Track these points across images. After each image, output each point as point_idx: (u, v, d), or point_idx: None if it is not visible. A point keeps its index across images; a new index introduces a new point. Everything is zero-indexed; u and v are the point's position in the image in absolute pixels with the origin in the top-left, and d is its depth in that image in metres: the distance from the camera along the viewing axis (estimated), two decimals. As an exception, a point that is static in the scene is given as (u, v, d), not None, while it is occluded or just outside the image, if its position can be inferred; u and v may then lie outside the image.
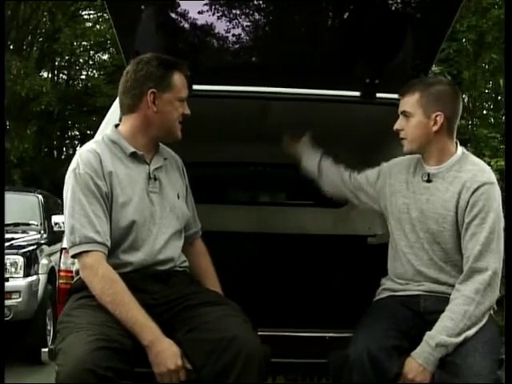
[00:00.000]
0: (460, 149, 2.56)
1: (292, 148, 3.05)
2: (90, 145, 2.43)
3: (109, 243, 2.30)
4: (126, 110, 2.45)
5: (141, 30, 3.01)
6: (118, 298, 2.20)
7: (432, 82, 2.57)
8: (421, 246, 2.51)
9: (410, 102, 2.51)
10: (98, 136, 2.54)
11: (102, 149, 2.39)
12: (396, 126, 2.57)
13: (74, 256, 2.32)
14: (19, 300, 5.91)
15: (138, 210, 2.36)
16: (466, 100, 11.67)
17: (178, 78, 2.43)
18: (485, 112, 13.28)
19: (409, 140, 2.54)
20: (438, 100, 2.48)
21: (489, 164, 8.67)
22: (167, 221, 2.44)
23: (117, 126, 2.50)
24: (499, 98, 13.53)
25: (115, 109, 2.86)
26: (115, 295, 2.20)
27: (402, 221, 2.55)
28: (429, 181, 2.53)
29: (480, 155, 9.22)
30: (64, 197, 2.35)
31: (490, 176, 2.47)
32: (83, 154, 2.36)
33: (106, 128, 2.63)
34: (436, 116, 2.47)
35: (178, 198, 2.52)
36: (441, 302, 2.42)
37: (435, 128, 2.47)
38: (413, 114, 2.50)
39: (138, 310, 2.20)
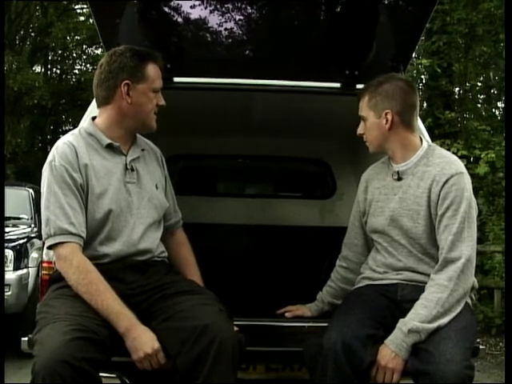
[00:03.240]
0: (425, 142, 2.60)
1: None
2: (66, 137, 2.44)
3: (84, 234, 2.32)
4: (101, 102, 2.47)
5: (122, 22, 3.02)
6: (92, 288, 2.22)
7: (381, 81, 2.60)
8: (398, 243, 2.55)
9: (363, 107, 2.61)
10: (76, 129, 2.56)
11: (78, 141, 2.41)
12: (358, 131, 2.67)
13: (49, 247, 2.34)
14: (9, 293, 5.92)
15: (114, 200, 2.38)
16: (456, 93, 11.69)
17: (152, 69, 2.44)
18: (476, 105, 13.27)
19: (369, 142, 2.64)
20: (385, 98, 2.54)
21: (479, 156, 8.77)
22: (145, 211, 2.46)
23: (94, 118, 2.52)
24: (492, 90, 13.56)
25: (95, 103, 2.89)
26: (90, 285, 2.22)
27: (378, 222, 2.60)
28: (399, 179, 2.57)
29: (470, 148, 9.25)
30: (41, 189, 2.38)
31: (458, 166, 2.50)
32: (59, 147, 2.38)
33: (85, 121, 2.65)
34: (385, 114, 2.54)
35: (157, 188, 2.54)
36: (418, 290, 2.44)
37: (387, 126, 2.54)
38: (366, 117, 2.60)
39: (113, 299, 2.22)
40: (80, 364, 2.02)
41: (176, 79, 3.03)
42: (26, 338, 2.52)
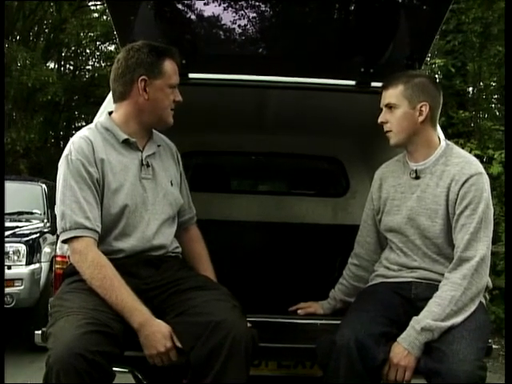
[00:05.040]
0: (443, 141, 2.59)
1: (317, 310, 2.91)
2: (83, 132, 2.44)
3: (99, 229, 2.33)
4: (117, 98, 2.47)
5: (138, 19, 3.03)
6: (107, 283, 2.22)
7: (413, 74, 2.61)
8: (413, 243, 2.54)
9: (394, 94, 2.53)
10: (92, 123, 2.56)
11: (94, 136, 2.41)
12: (380, 119, 2.59)
13: (64, 241, 2.35)
14: (21, 287, 5.95)
15: (130, 196, 2.38)
16: (470, 92, 11.62)
17: (169, 65, 2.44)
18: (490, 104, 13.20)
19: (395, 132, 2.56)
20: (422, 91, 2.51)
21: (492, 156, 8.70)
22: (160, 207, 2.46)
23: (110, 113, 2.52)
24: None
25: (111, 97, 2.89)
26: (104, 280, 2.23)
27: (395, 221, 2.58)
28: (417, 177, 2.56)
29: (484, 147, 9.19)
30: (57, 183, 2.38)
31: (478, 167, 2.49)
32: (76, 141, 2.38)
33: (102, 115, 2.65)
34: (421, 106, 2.50)
35: (172, 184, 2.54)
36: (432, 289, 2.43)
37: (421, 118, 2.51)
38: (398, 105, 2.53)
39: (127, 294, 2.22)
40: (94, 357, 2.02)
41: (191, 75, 3.04)
42: (39, 332, 2.53)
